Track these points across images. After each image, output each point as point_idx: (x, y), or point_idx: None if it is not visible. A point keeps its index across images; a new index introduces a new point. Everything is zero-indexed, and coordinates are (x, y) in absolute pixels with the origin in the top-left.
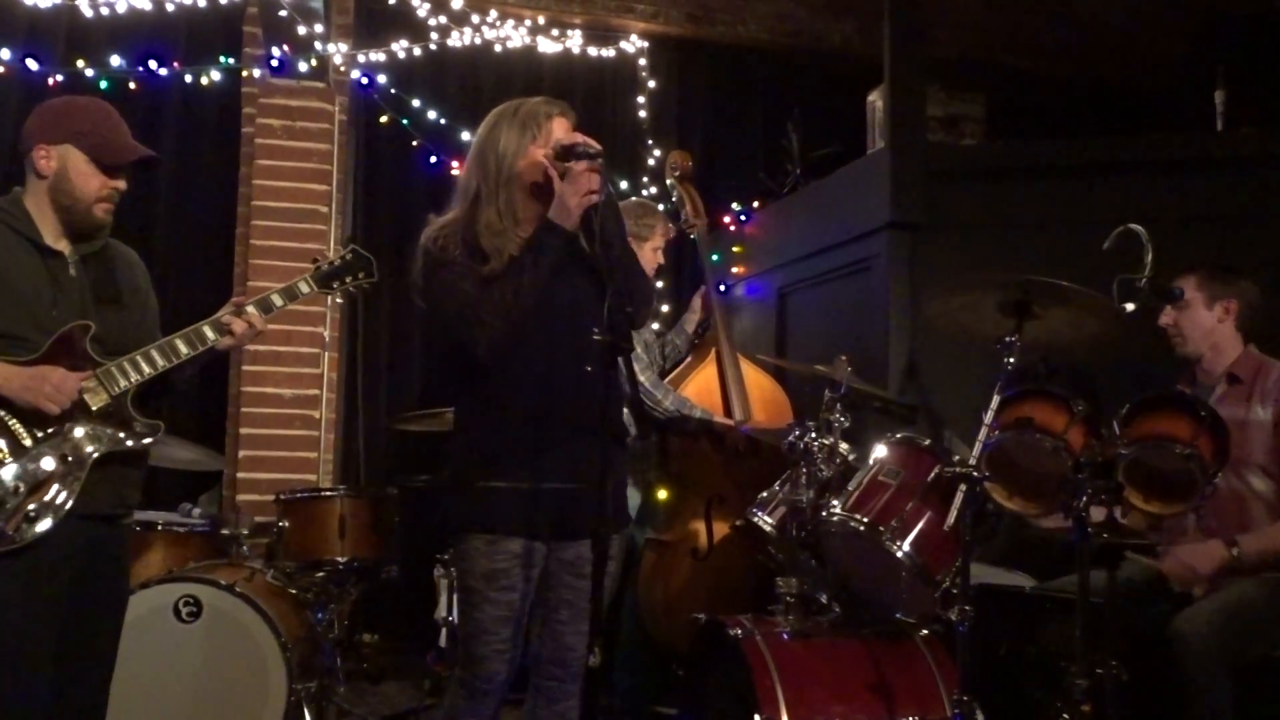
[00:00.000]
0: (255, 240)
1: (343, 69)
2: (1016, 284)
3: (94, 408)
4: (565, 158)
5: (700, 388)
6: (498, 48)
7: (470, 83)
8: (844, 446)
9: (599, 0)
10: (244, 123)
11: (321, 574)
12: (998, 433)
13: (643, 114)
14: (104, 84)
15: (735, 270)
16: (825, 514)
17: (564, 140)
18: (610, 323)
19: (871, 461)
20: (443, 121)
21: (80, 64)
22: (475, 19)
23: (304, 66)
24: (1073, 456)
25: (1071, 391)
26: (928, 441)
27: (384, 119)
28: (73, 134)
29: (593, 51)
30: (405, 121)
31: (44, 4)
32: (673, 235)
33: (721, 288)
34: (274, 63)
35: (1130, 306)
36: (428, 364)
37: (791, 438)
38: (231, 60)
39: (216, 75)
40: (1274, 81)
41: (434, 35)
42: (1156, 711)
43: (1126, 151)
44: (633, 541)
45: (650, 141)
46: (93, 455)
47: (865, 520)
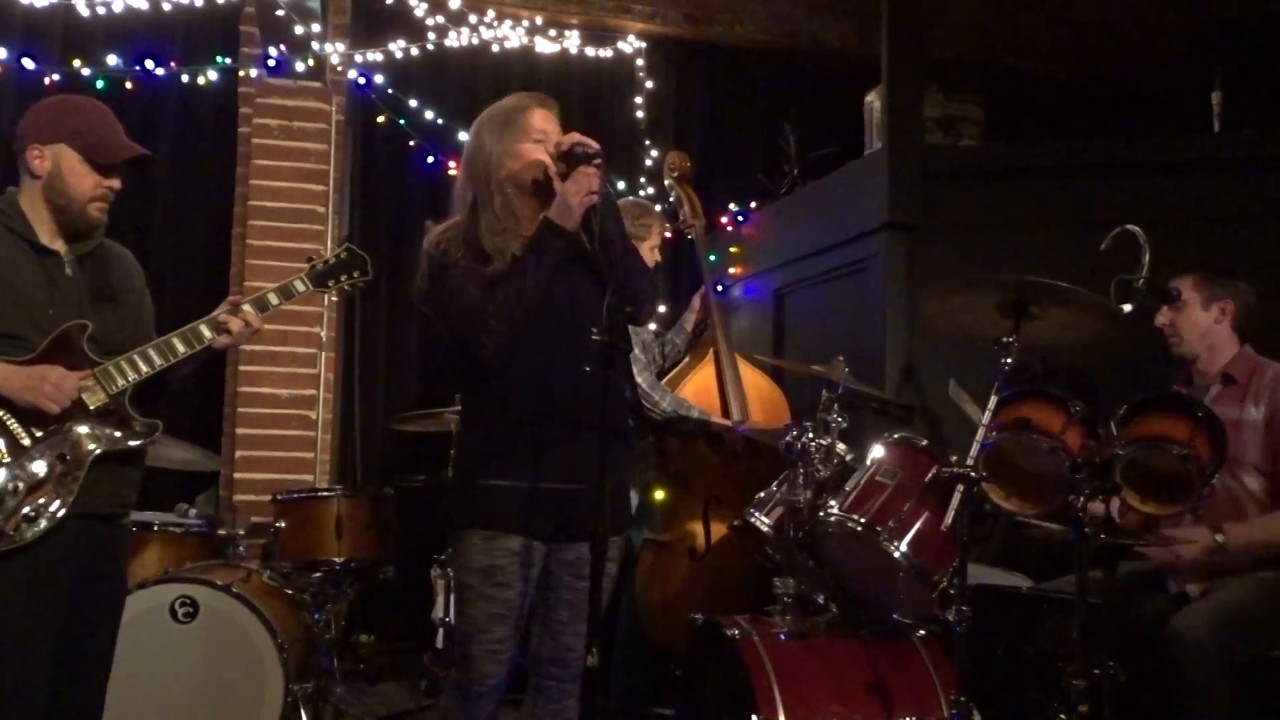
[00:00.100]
0: (252, 240)
1: (340, 69)
2: (1014, 284)
3: (92, 407)
4: (566, 158)
5: (698, 388)
6: (495, 48)
7: (467, 83)
8: (841, 447)
9: (596, 1)
10: (241, 122)
11: (318, 574)
12: (995, 433)
13: (640, 114)
14: (100, 84)
15: (733, 271)
16: (823, 514)
17: (564, 141)
18: (608, 323)
19: (869, 462)
20: (440, 122)
21: (77, 64)
22: (473, 19)
23: (301, 66)
24: (1070, 457)
25: (1069, 392)
26: (925, 442)
27: (381, 119)
28: (66, 133)
29: (590, 52)
30: (402, 121)
31: (40, 3)
32: (669, 234)
33: (719, 288)
34: (271, 62)
35: (1128, 307)
36: (425, 364)
37: (789, 438)
38: (228, 60)
39: (213, 75)
40: (1271, 83)
41: (431, 35)
42: (1153, 712)
43: (1124, 153)
44: (630, 542)
45: (648, 142)
46: (91, 455)
47: (862, 520)
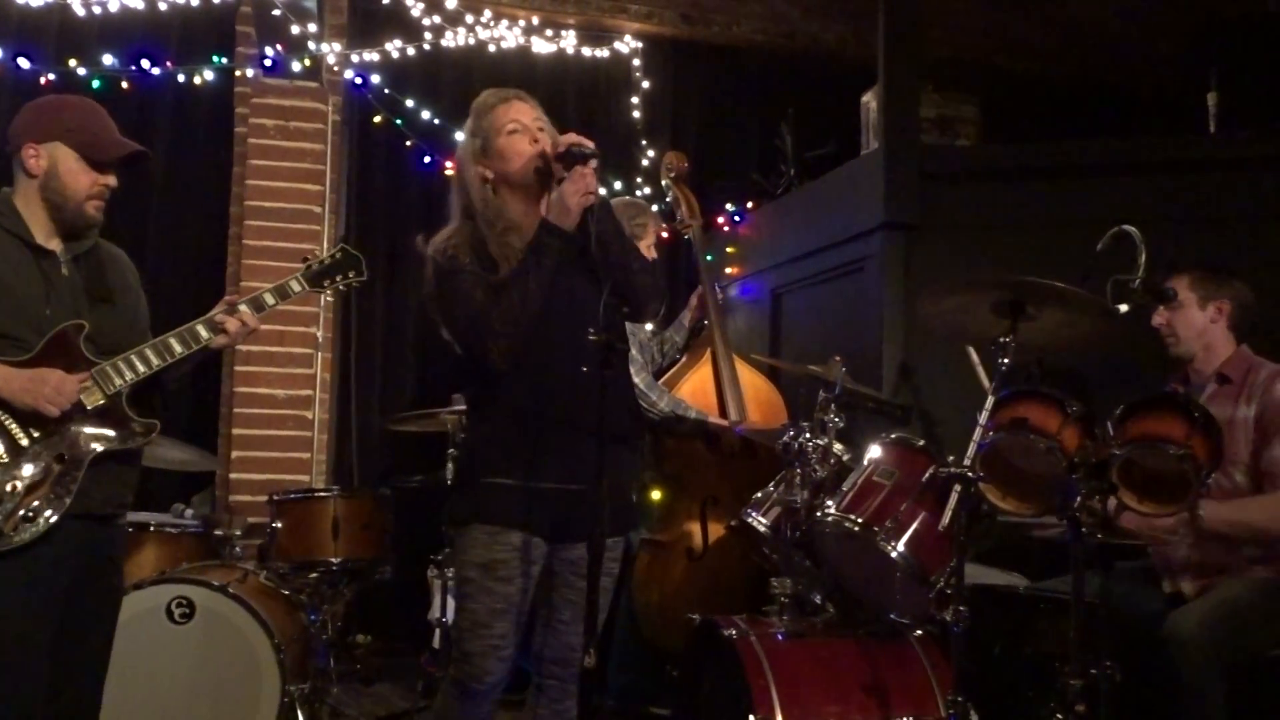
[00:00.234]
0: (248, 240)
1: (336, 69)
2: (1010, 284)
3: (90, 407)
4: (563, 158)
5: (695, 388)
6: (491, 48)
7: (464, 83)
8: (838, 447)
9: (593, 1)
10: (237, 122)
11: (315, 575)
12: (992, 433)
13: (637, 114)
14: (96, 83)
15: (729, 270)
16: (820, 514)
17: (561, 142)
18: (605, 322)
19: (866, 462)
20: (437, 121)
21: (72, 63)
22: (469, 19)
23: (297, 66)
24: (1067, 457)
25: (1065, 392)
26: (922, 442)
27: (378, 119)
28: (61, 131)
29: (587, 52)
30: (399, 121)
31: (36, 2)
32: (666, 234)
33: (716, 288)
34: (267, 62)
35: (1124, 307)
36: (421, 364)
37: (786, 438)
38: (225, 60)
39: (210, 75)
40: (1266, 83)
41: (428, 35)
42: (1150, 711)
43: (1120, 153)
44: (628, 542)
45: (644, 142)
46: (89, 455)
47: (860, 521)
